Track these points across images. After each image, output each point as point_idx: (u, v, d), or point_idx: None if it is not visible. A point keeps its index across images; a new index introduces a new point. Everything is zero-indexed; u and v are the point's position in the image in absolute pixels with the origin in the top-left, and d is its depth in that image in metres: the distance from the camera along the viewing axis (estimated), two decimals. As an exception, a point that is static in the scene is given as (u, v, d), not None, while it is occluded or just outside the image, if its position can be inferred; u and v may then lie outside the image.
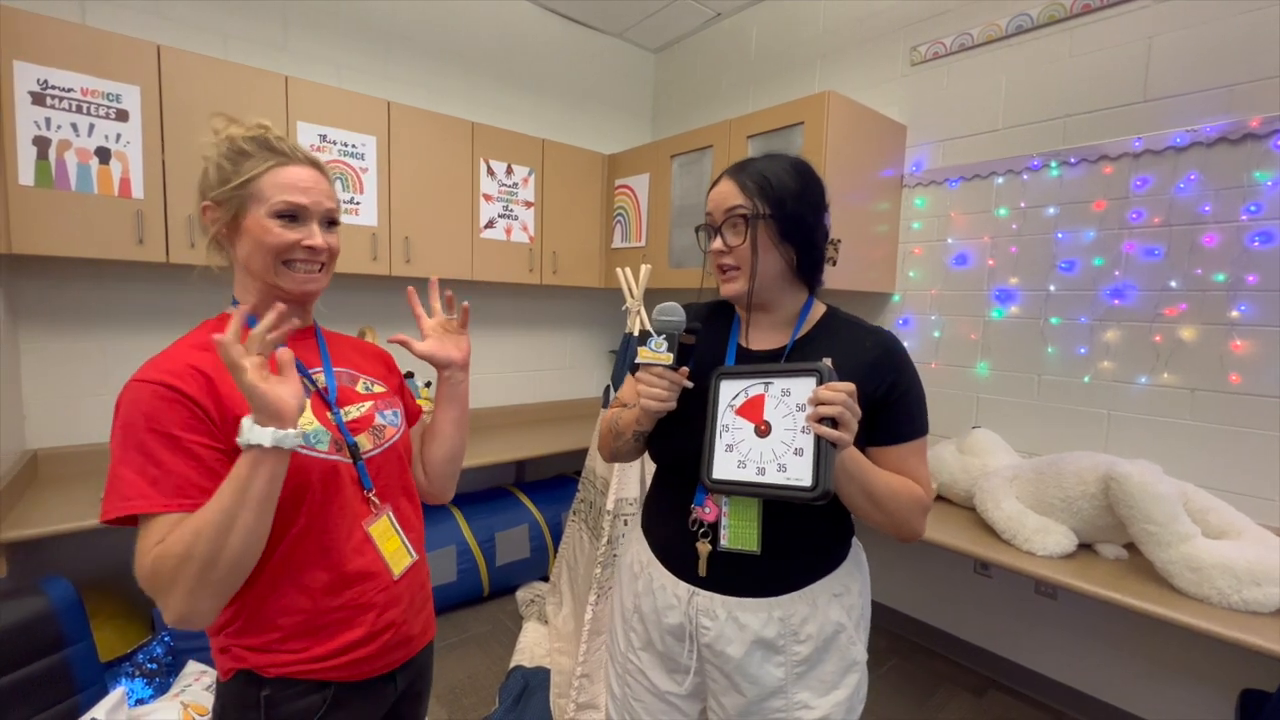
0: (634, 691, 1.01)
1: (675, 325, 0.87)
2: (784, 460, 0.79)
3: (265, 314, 0.72)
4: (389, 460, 0.91)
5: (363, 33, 2.60)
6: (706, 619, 0.91)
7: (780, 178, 0.89)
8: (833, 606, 0.90)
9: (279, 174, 0.81)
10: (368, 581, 0.85)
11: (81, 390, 2.10)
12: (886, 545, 2.57)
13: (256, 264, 0.82)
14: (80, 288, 2.07)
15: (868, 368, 0.88)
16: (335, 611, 0.82)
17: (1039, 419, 2.10)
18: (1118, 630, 1.96)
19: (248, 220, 0.80)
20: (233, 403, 0.75)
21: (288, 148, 0.84)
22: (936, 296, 2.36)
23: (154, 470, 0.70)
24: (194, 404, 0.73)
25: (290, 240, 0.81)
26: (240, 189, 0.80)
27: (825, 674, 0.89)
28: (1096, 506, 1.63)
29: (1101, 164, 1.93)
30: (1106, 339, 1.94)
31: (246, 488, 0.67)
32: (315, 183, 0.84)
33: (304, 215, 0.82)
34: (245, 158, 0.81)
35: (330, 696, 0.82)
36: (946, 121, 2.31)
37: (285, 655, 0.80)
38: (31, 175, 1.71)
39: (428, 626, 0.96)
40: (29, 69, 1.69)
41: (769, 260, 0.89)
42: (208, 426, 0.74)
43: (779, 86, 2.91)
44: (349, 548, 0.83)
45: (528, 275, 2.84)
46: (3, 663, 1.27)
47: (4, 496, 1.65)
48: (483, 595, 2.63)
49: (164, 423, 0.71)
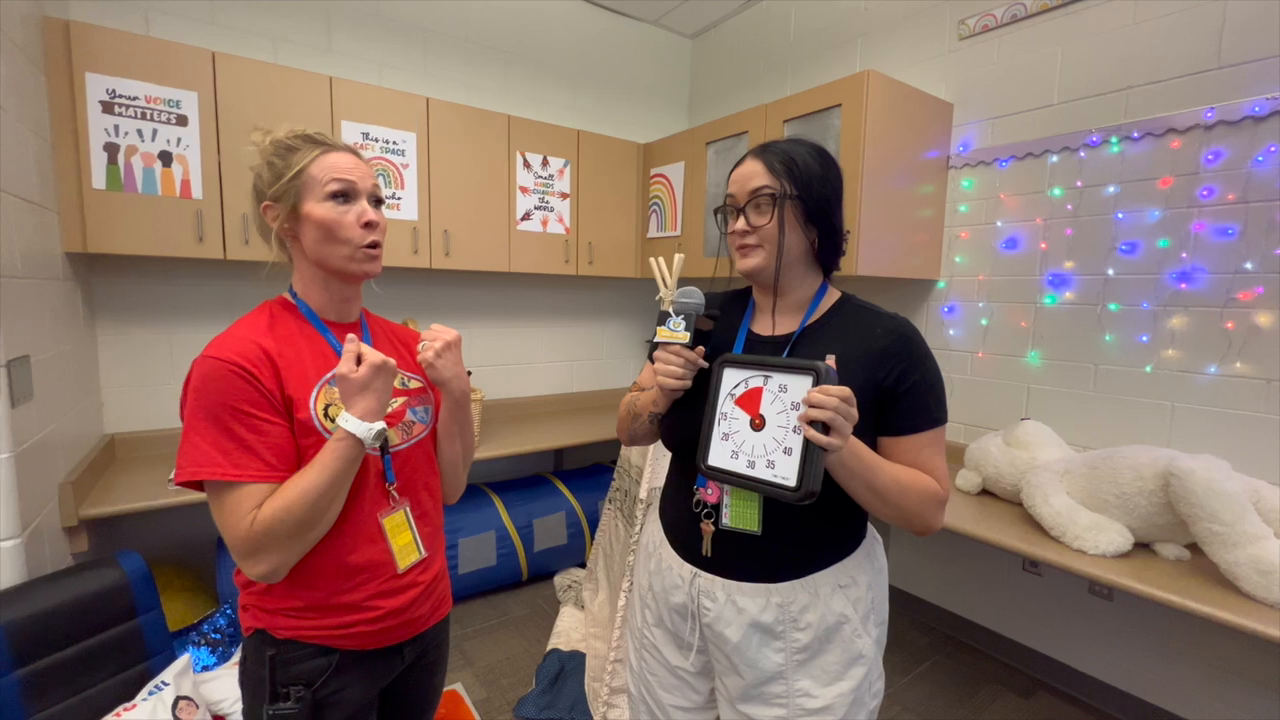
0: (649, 665, 1.04)
1: (694, 306, 0.89)
2: (773, 457, 0.78)
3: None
4: (415, 456, 0.96)
5: (403, 32, 2.66)
6: (708, 600, 0.92)
7: (806, 160, 0.89)
8: (836, 597, 0.88)
9: (325, 160, 0.87)
10: (373, 571, 0.89)
11: (152, 378, 2.26)
12: (929, 539, 2.50)
13: (322, 249, 0.87)
14: (149, 283, 2.22)
15: (878, 355, 0.86)
16: (343, 594, 0.87)
17: (1095, 411, 1.99)
18: (1178, 634, 1.85)
19: (305, 207, 0.86)
20: (290, 385, 0.84)
21: (328, 138, 0.91)
22: (984, 282, 2.26)
23: (227, 442, 0.78)
24: (260, 384, 0.81)
25: (347, 219, 0.87)
26: (294, 180, 0.86)
27: (828, 664, 0.88)
28: (1155, 504, 1.54)
29: (1168, 138, 1.80)
30: (1171, 326, 1.82)
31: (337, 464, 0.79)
32: (358, 165, 0.90)
33: (354, 193, 0.88)
34: (293, 152, 0.87)
35: (335, 662, 0.88)
36: (996, 98, 2.20)
37: (295, 621, 0.86)
38: (103, 179, 1.84)
39: (440, 606, 1.01)
40: (99, 80, 1.81)
41: (793, 241, 0.89)
42: (270, 404, 0.82)
43: (819, 68, 2.82)
44: (362, 536, 0.88)
45: (564, 266, 2.87)
46: (84, 628, 1.39)
47: (85, 477, 1.79)
48: (521, 579, 2.70)
49: (235, 399, 0.79)
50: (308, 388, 0.85)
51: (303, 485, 0.78)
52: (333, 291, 0.92)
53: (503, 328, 3.10)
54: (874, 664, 0.92)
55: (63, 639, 1.35)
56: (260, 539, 0.77)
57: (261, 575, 0.80)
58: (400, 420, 0.94)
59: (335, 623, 0.87)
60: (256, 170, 0.90)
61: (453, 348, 0.93)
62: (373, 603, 0.89)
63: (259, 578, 0.80)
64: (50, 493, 1.59)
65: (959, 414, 2.36)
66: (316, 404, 0.85)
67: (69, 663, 1.35)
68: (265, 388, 0.81)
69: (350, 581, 0.87)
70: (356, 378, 0.80)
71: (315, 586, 0.86)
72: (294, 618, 0.86)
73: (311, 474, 0.79)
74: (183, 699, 1.39)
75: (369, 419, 0.81)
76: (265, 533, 0.77)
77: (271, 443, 0.81)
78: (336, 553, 0.86)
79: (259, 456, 0.79)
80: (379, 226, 0.90)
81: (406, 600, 0.92)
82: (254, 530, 0.77)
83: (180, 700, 1.39)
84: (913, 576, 2.60)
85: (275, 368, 0.83)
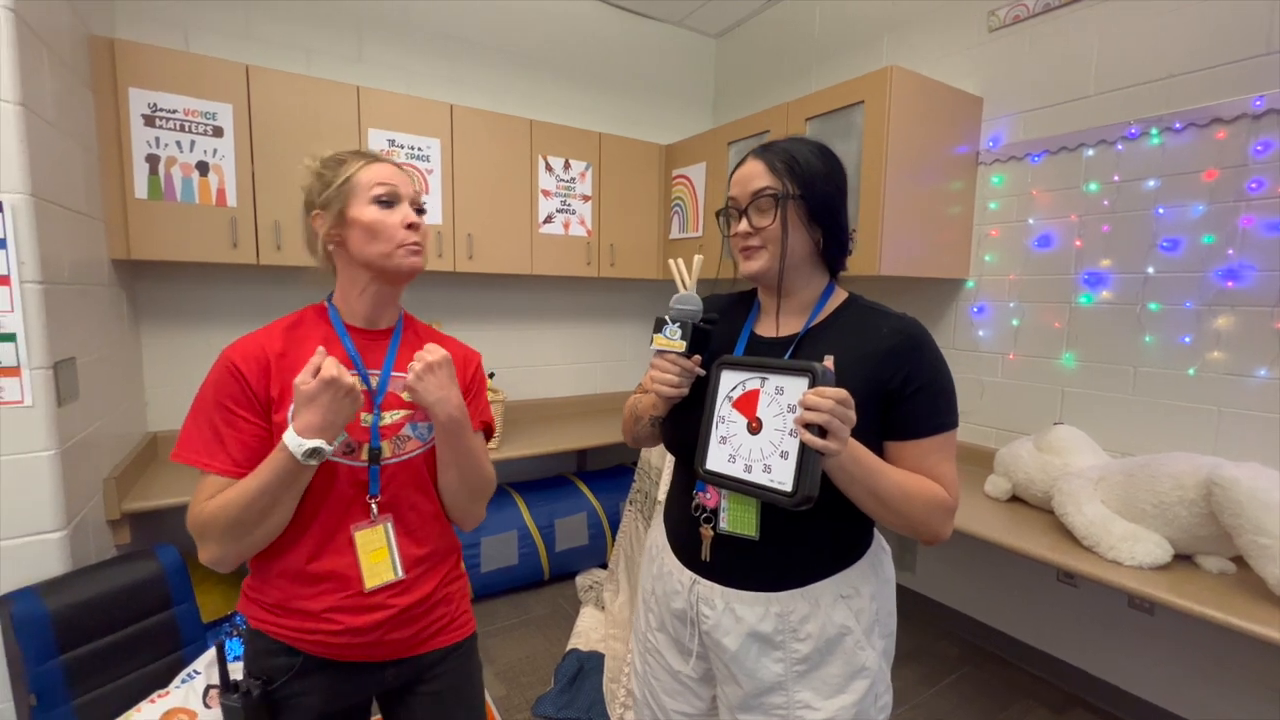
0: (652, 669, 1.03)
1: (690, 314, 0.87)
2: (769, 461, 0.77)
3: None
4: (405, 472, 0.93)
5: (431, 41, 2.72)
6: (706, 607, 0.91)
7: (808, 159, 0.87)
8: (837, 608, 0.86)
9: (371, 169, 0.92)
10: (336, 583, 0.87)
11: (191, 379, 2.34)
12: (957, 546, 2.43)
13: (368, 249, 0.90)
14: (188, 288, 2.32)
15: (883, 356, 0.83)
16: (302, 600, 0.87)
17: (1134, 415, 1.90)
18: (1223, 651, 1.75)
19: (352, 211, 0.90)
20: (279, 387, 0.87)
21: (373, 152, 0.96)
22: (1015, 282, 2.19)
23: (208, 433, 0.84)
24: (247, 384, 0.85)
25: (391, 220, 0.90)
26: (342, 187, 0.91)
27: (829, 676, 0.86)
28: (1196, 514, 1.46)
29: (1213, 128, 1.71)
30: (1217, 326, 1.72)
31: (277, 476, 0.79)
32: (398, 174, 0.95)
33: (397, 198, 0.92)
34: (341, 164, 0.93)
35: (299, 664, 0.88)
36: (1028, 91, 2.12)
37: (265, 614, 0.89)
38: (145, 189, 1.93)
39: (437, 634, 0.97)
40: (142, 94, 1.90)
41: (797, 241, 0.87)
42: (254, 405, 0.86)
43: (845, 65, 2.77)
44: (329, 546, 0.87)
45: (585, 269, 2.89)
46: (123, 617, 1.46)
47: (129, 472, 1.89)
48: (543, 579, 2.72)
49: (222, 394, 0.85)
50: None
51: (240, 488, 0.81)
52: (369, 297, 0.94)
53: (526, 330, 3.13)
54: (879, 677, 0.89)
55: (103, 627, 1.42)
56: (202, 528, 0.82)
57: (209, 561, 0.84)
58: (395, 434, 0.92)
59: (296, 625, 0.88)
60: (306, 186, 0.95)
61: (436, 369, 0.88)
62: (331, 615, 0.87)
63: (207, 563, 0.84)
64: (95, 487, 1.68)
65: (989, 417, 2.29)
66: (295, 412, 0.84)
67: (108, 650, 1.42)
68: (251, 387, 0.85)
69: (310, 589, 0.87)
70: (305, 389, 0.78)
71: (276, 586, 0.88)
72: (265, 610, 0.89)
73: (250, 479, 0.81)
74: (213, 687, 1.44)
75: (308, 434, 0.78)
76: (206, 523, 0.81)
77: (242, 440, 0.84)
78: (295, 558, 0.87)
79: (227, 451, 0.84)
80: (420, 228, 0.94)
81: (371, 621, 0.88)
82: (198, 519, 0.82)
83: (210, 689, 1.44)
84: (941, 584, 2.52)
85: (269, 369, 0.86)
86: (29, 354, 1.36)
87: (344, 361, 0.90)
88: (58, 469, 1.42)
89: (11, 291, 1.34)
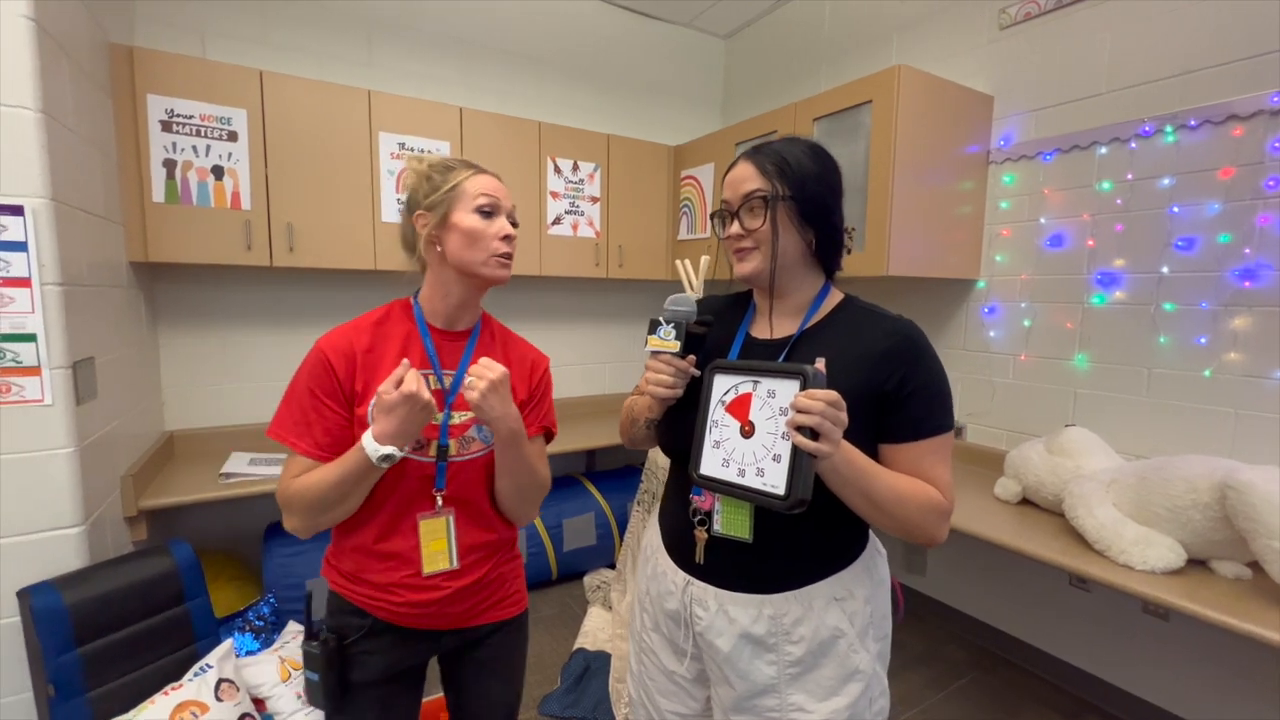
0: (648, 670, 1.03)
1: (684, 314, 0.88)
2: (763, 464, 0.76)
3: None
4: (468, 470, 1.00)
5: (441, 45, 2.75)
6: (700, 608, 0.91)
7: (799, 159, 0.86)
8: (831, 610, 0.86)
9: (478, 179, 0.99)
10: (399, 563, 0.97)
11: (207, 380, 2.40)
12: (967, 549, 2.40)
13: (464, 254, 0.96)
14: (204, 290, 2.36)
15: (878, 358, 0.82)
16: (371, 573, 0.98)
17: (1148, 417, 1.87)
18: (1241, 658, 1.71)
19: (455, 216, 0.96)
20: (362, 381, 0.95)
21: (479, 164, 1.02)
22: (1027, 282, 2.16)
23: (297, 416, 0.94)
24: (335, 376, 0.94)
25: (489, 230, 0.97)
26: (449, 192, 0.97)
27: (823, 679, 0.85)
28: (1210, 518, 1.43)
29: (1229, 125, 1.68)
30: (1234, 327, 1.69)
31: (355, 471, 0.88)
32: (500, 187, 1.01)
33: (498, 210, 0.99)
34: (450, 170, 0.99)
35: (368, 626, 0.99)
36: (1040, 89, 2.10)
37: (343, 580, 1.01)
38: (162, 193, 1.98)
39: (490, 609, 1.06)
40: (159, 100, 1.94)
41: (788, 242, 0.87)
42: (339, 396, 0.94)
43: (854, 65, 2.76)
44: (396, 531, 0.97)
45: (594, 269, 2.90)
46: (138, 611, 1.50)
47: (146, 470, 1.93)
48: (551, 578, 2.74)
49: (313, 382, 0.94)
50: (376, 386, 0.93)
51: (321, 475, 0.90)
52: (453, 299, 1.01)
53: (535, 330, 3.15)
54: (873, 680, 0.88)
55: (119, 621, 1.45)
56: (287, 501, 0.92)
57: (290, 529, 0.94)
58: (462, 434, 1.00)
59: (366, 593, 0.98)
60: (412, 186, 1.01)
61: (497, 387, 0.91)
62: (394, 589, 0.97)
63: (289, 530, 0.94)
64: (113, 485, 1.72)
65: (1000, 419, 2.26)
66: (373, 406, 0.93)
67: (124, 643, 1.45)
68: (339, 378, 0.94)
69: (377, 564, 0.97)
70: (386, 399, 0.85)
71: (349, 558, 0.99)
72: (341, 576, 1.01)
73: (330, 470, 0.89)
74: (224, 681, 1.48)
75: (382, 441, 0.85)
76: (291, 499, 0.92)
77: (326, 426, 0.93)
78: (366, 537, 0.97)
79: (312, 435, 0.93)
80: (513, 240, 1.00)
81: (428, 598, 0.98)
82: (284, 493, 0.93)
83: (222, 682, 1.47)
84: (951, 587, 2.50)
85: (355, 364, 0.95)
86: (49, 354, 1.40)
87: (422, 360, 0.99)
88: (76, 466, 1.46)
89: (32, 293, 1.38)
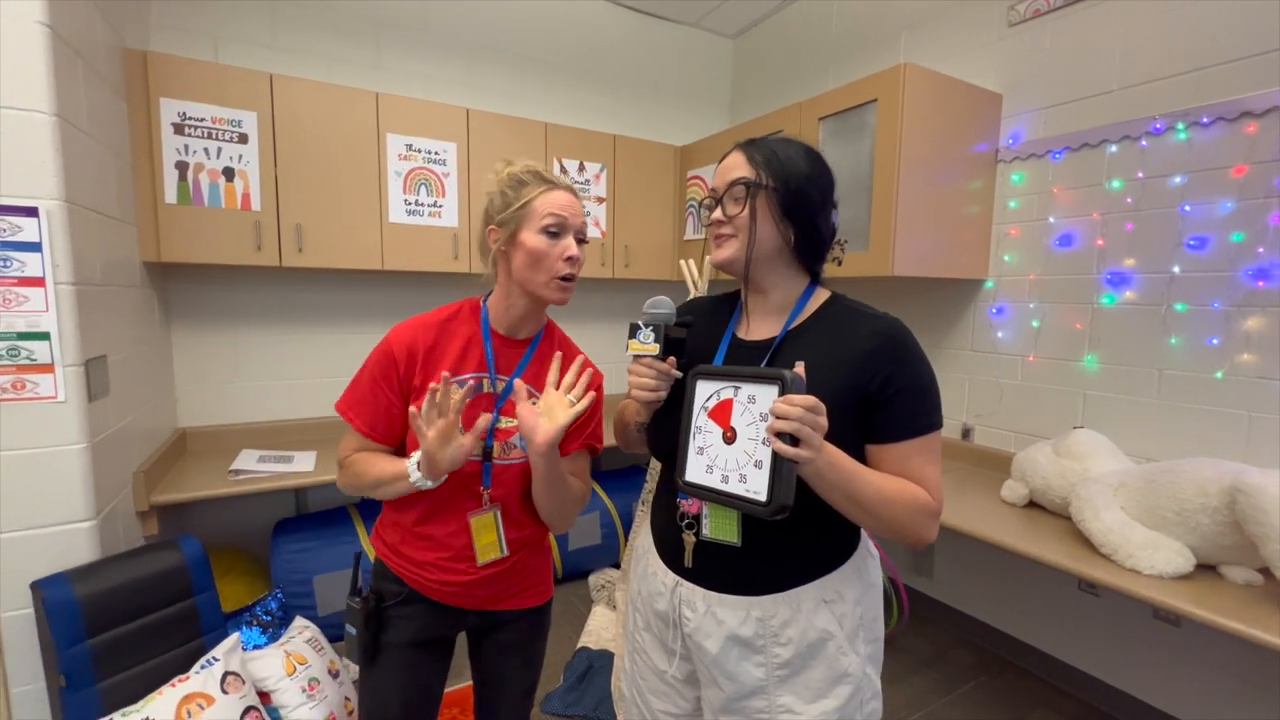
0: (639, 669, 1.04)
1: (663, 317, 0.88)
2: (745, 471, 0.76)
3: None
4: (513, 474, 1.06)
5: (448, 47, 2.77)
6: (688, 610, 0.91)
7: (791, 156, 0.87)
8: (820, 613, 0.85)
9: (548, 196, 1.01)
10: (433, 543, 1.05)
11: (218, 378, 2.45)
12: (972, 552, 2.38)
13: (526, 273, 1.00)
14: (215, 290, 2.40)
15: (863, 359, 0.82)
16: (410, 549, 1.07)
17: (1159, 420, 1.84)
18: (1252, 665, 1.68)
19: (523, 235, 1.00)
20: (421, 377, 1.02)
21: (554, 177, 1.04)
22: (1035, 282, 2.13)
23: (359, 395, 1.04)
24: (397, 369, 1.02)
25: (554, 251, 0.99)
26: (519, 210, 1.00)
27: (811, 681, 0.85)
28: (1220, 522, 1.41)
29: (1243, 122, 1.64)
30: (1247, 328, 1.66)
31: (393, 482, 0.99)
32: (572, 203, 1.03)
33: (564, 229, 1.01)
34: (523, 185, 1.02)
35: (405, 594, 1.08)
36: (1049, 86, 2.07)
37: (386, 549, 1.11)
38: (175, 194, 2.02)
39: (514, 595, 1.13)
40: (172, 104, 1.98)
41: (765, 232, 0.86)
42: (397, 384, 1.03)
43: (861, 63, 2.74)
44: (435, 516, 1.05)
45: (600, 270, 2.91)
46: (147, 604, 1.52)
47: (158, 466, 1.96)
48: (556, 578, 2.74)
49: (377, 369, 1.03)
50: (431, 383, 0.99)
51: (367, 468, 1.01)
52: (516, 310, 1.06)
53: (542, 330, 3.16)
54: (863, 683, 0.88)
55: (128, 613, 1.48)
56: (340, 470, 1.07)
57: (340, 488, 1.08)
58: (506, 439, 1.05)
59: (404, 564, 1.08)
60: (490, 196, 1.05)
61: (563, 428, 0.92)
62: (428, 568, 1.06)
63: (339, 486, 1.08)
64: (125, 480, 1.75)
65: (1008, 421, 2.24)
66: None
67: (133, 635, 1.48)
68: (400, 372, 1.02)
69: (416, 543, 1.07)
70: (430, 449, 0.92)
71: (393, 532, 1.10)
72: (385, 546, 1.11)
73: (377, 468, 1.01)
74: (230, 674, 1.50)
75: (420, 471, 0.95)
76: (343, 470, 1.07)
77: (379, 411, 1.03)
78: (408, 518, 1.06)
79: (365, 415, 1.03)
80: (578, 261, 1.02)
81: (457, 580, 1.06)
82: (340, 462, 1.07)
83: (228, 675, 1.49)
84: (958, 591, 2.47)
85: (418, 361, 1.02)
86: (62, 352, 1.44)
87: (480, 364, 1.05)
88: (88, 461, 1.49)
89: (46, 292, 1.41)
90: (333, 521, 2.41)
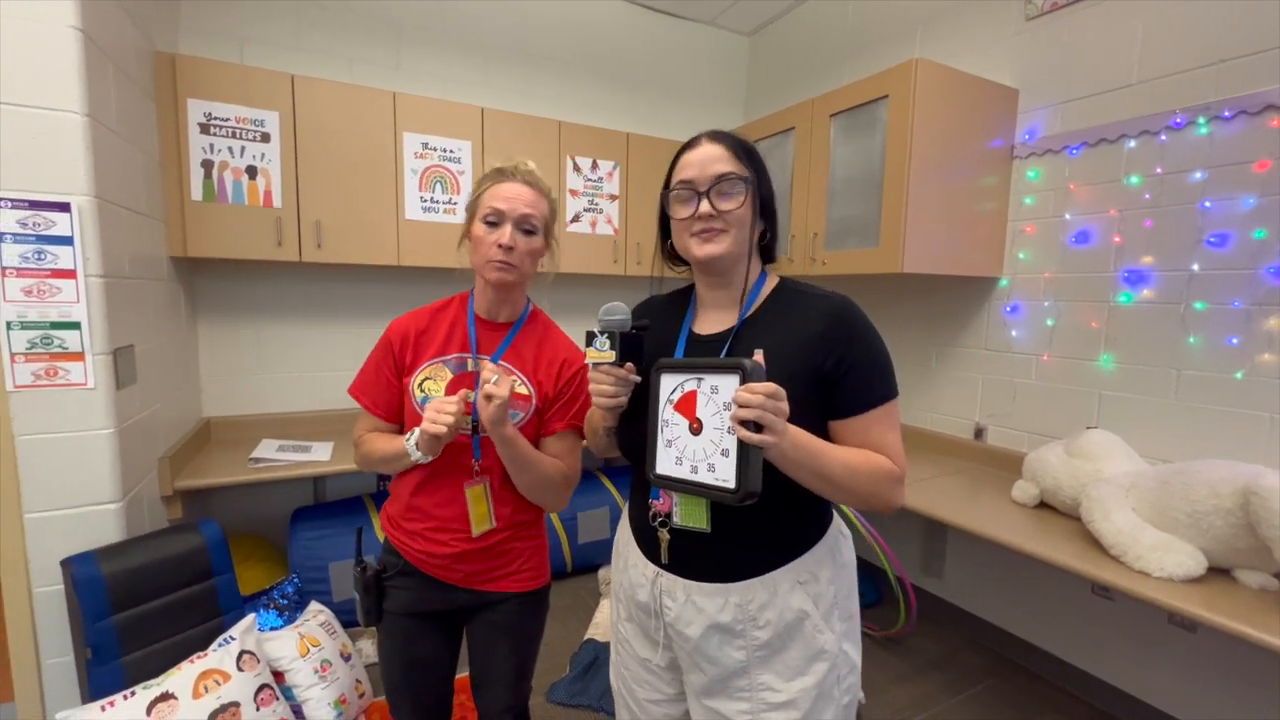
0: (624, 659, 1.06)
1: (617, 324, 0.88)
2: (713, 460, 0.78)
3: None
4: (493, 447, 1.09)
5: (466, 47, 2.82)
6: (669, 599, 0.92)
7: (755, 152, 0.90)
8: (795, 594, 0.86)
9: (495, 189, 1.08)
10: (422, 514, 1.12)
11: (242, 369, 2.53)
12: (983, 553, 2.34)
13: (474, 258, 1.10)
14: (239, 284, 2.48)
15: (816, 339, 0.84)
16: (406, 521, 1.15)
17: (1177, 421, 1.80)
18: (1268, 673, 1.63)
19: (473, 225, 1.09)
20: (413, 357, 1.13)
21: (511, 169, 1.11)
22: (1050, 280, 2.10)
23: (367, 378, 1.17)
24: (394, 352, 1.14)
25: (489, 239, 1.06)
26: (473, 203, 1.11)
27: (790, 659, 0.86)
28: (1233, 525, 1.37)
29: (1266, 115, 1.60)
30: (1269, 327, 1.62)
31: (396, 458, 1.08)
32: (519, 194, 1.08)
33: (501, 219, 1.06)
34: (483, 181, 1.11)
35: (402, 566, 1.16)
36: (1067, 81, 2.03)
37: (388, 523, 1.19)
38: (200, 192, 2.09)
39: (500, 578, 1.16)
40: (198, 104, 2.06)
41: (750, 226, 0.90)
42: (394, 369, 1.14)
43: (876, 59, 2.72)
44: (427, 487, 1.12)
45: (612, 266, 2.93)
46: (170, 583, 1.59)
47: (183, 453, 2.04)
48: (566, 571, 2.78)
49: (378, 354, 1.16)
50: (421, 362, 1.12)
51: (374, 446, 1.12)
52: (486, 295, 1.15)
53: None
54: (839, 659, 0.89)
55: (151, 592, 1.55)
56: (354, 449, 1.19)
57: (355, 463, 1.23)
58: None
59: (401, 537, 1.16)
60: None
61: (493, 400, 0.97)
62: (416, 538, 1.14)
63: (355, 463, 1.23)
64: (150, 465, 1.83)
65: (1021, 421, 2.20)
66: (416, 378, 1.12)
67: (155, 613, 1.55)
68: (395, 354, 1.13)
69: (411, 514, 1.14)
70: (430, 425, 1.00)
71: (395, 506, 1.18)
72: (388, 520, 1.19)
73: (382, 446, 1.11)
74: (246, 653, 1.56)
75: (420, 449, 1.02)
76: (356, 447, 1.19)
77: (381, 390, 1.15)
78: (406, 489, 1.15)
79: (371, 395, 1.16)
80: (509, 249, 1.06)
81: (440, 552, 1.12)
82: (355, 442, 1.19)
83: (244, 654, 1.55)
84: (968, 592, 2.44)
85: (409, 342, 1.13)
86: (92, 340, 1.51)
87: (463, 344, 1.14)
88: (115, 446, 1.56)
89: (77, 284, 1.48)
90: (349, 510, 2.47)
